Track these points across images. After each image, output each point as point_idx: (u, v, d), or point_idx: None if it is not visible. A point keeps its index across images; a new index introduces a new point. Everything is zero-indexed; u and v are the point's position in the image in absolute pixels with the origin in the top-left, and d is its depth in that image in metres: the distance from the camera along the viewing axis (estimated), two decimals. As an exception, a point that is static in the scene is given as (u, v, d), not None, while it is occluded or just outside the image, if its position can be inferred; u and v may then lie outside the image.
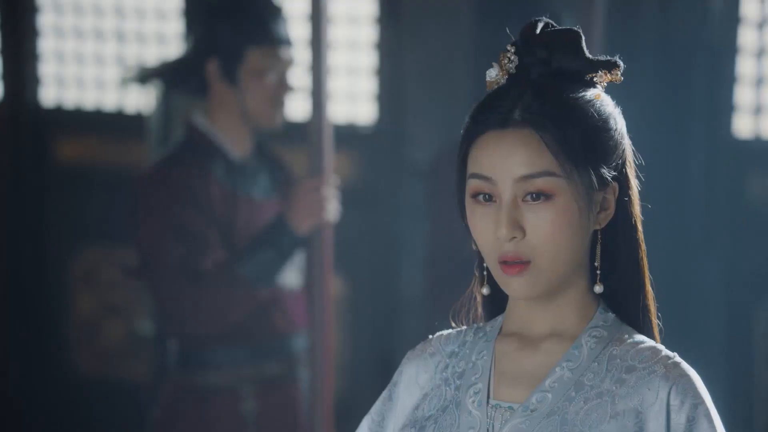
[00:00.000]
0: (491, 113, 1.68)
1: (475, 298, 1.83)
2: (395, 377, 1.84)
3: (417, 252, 4.64)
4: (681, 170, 4.43)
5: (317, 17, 3.33)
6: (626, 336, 1.74)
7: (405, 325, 4.74)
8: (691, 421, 1.66)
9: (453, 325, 1.86)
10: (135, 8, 5.13)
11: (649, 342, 1.74)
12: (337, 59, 4.80)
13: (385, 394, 1.85)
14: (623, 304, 1.76)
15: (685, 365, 1.71)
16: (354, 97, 4.91)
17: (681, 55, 4.42)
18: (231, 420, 3.54)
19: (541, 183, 1.66)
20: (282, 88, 3.56)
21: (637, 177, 1.76)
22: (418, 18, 4.72)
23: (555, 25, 1.75)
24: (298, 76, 3.66)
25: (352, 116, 4.91)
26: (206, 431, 3.54)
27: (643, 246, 1.76)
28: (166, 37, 5.09)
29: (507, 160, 1.66)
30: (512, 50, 1.73)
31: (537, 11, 3.87)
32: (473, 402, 1.74)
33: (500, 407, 1.73)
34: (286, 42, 3.57)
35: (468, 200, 1.71)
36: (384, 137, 4.83)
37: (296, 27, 3.67)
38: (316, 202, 3.40)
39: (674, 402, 1.67)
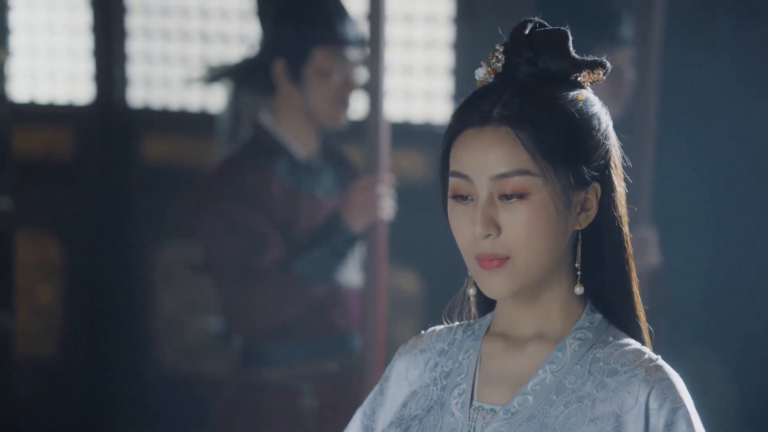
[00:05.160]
0: (472, 111, 1.68)
1: (469, 297, 1.81)
2: (386, 371, 1.84)
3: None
4: (762, 171, 4.35)
5: (376, 15, 3.35)
6: (611, 338, 1.71)
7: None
8: (669, 425, 1.63)
9: (446, 323, 1.84)
10: (219, 9, 5.19)
11: (634, 345, 1.71)
12: (414, 59, 4.81)
13: (377, 388, 1.85)
14: (610, 305, 1.74)
15: (667, 368, 1.67)
16: (431, 96, 4.90)
17: (760, 55, 4.34)
18: (290, 417, 3.55)
19: (516, 181, 1.65)
20: (347, 88, 3.57)
21: (626, 180, 1.74)
22: (493, 18, 4.70)
23: (546, 25, 1.74)
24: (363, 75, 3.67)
25: (429, 115, 4.91)
26: (266, 428, 3.56)
27: (630, 248, 1.73)
28: (248, 38, 5.14)
29: (484, 158, 1.66)
30: (500, 50, 1.73)
31: (604, 9, 3.81)
32: (457, 403, 1.73)
33: (482, 409, 1.72)
34: (353, 42, 3.58)
35: (448, 198, 1.71)
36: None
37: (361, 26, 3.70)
38: (371, 200, 3.41)
39: (653, 405, 1.64)
